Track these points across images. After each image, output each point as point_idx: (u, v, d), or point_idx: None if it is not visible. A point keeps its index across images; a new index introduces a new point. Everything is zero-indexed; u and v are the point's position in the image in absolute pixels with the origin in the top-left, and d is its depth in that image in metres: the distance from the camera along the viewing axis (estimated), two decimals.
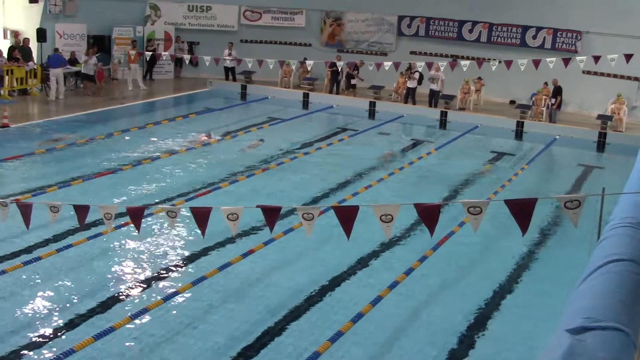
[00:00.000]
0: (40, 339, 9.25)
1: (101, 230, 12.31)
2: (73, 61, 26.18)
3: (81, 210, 9.03)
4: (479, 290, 11.53)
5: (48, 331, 9.47)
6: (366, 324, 9.99)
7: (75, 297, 10.51)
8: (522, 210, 6.98)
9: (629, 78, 25.88)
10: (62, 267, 11.52)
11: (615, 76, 25.91)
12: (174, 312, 10.25)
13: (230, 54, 28.28)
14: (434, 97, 26.48)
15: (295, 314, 10.37)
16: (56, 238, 12.42)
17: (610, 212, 6.15)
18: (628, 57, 19.68)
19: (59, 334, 9.42)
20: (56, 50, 25.95)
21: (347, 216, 7.78)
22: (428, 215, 7.49)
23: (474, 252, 13.30)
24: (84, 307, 10.17)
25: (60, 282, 11.04)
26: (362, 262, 12.37)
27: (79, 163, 17.30)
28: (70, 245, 12.02)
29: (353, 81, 28.46)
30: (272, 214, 8.13)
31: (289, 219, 13.42)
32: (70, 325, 9.65)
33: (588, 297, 4.30)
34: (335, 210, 7.88)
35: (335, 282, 11.53)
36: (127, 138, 20.10)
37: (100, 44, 28.78)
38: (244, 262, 11.93)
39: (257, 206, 8.05)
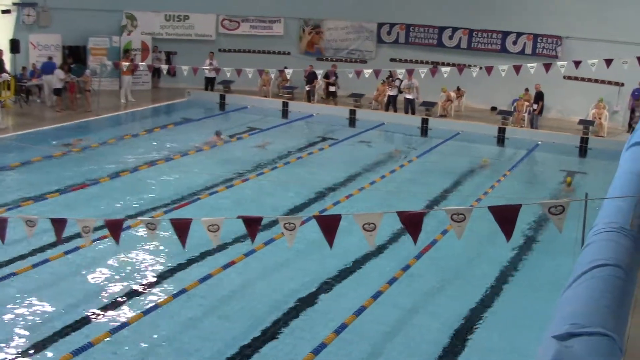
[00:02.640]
0: (18, 356, 9.14)
1: (79, 244, 12.20)
2: None
3: (58, 224, 8.95)
4: (463, 298, 11.55)
5: (25, 347, 9.36)
6: (350, 335, 9.97)
7: (53, 313, 10.42)
8: (506, 216, 7.01)
9: (609, 83, 26.07)
10: (39, 282, 11.41)
11: (596, 81, 26.11)
12: (154, 326, 10.17)
13: (211, 64, 28.19)
14: (410, 105, 26.55)
15: (277, 325, 10.34)
16: (32, 253, 12.30)
17: (594, 217, 6.19)
18: (608, 62, 19.86)
19: (36, 350, 9.32)
20: (50, 58, 26.13)
21: (329, 226, 7.77)
22: (411, 223, 7.49)
23: (458, 259, 13.34)
24: (61, 322, 10.08)
25: (36, 298, 10.93)
26: (345, 272, 12.36)
27: (55, 176, 17.17)
28: (47, 260, 11.92)
29: (332, 88, 28.49)
30: (253, 225, 8.10)
31: (271, 230, 13.40)
32: (48, 341, 9.55)
33: (574, 303, 4.31)
34: (317, 220, 7.87)
35: (317, 293, 11.51)
36: (104, 150, 19.97)
37: (75, 55, 28.63)
38: (225, 273, 11.89)
39: (238, 217, 8.02)
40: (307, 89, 28.37)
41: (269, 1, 30.90)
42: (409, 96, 26.41)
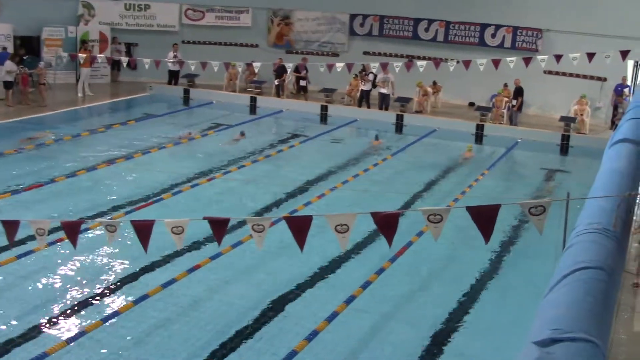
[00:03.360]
0: None
1: (33, 247, 12.07)
2: None
3: (10, 226, 8.85)
4: (441, 303, 11.61)
5: None
6: (322, 342, 9.98)
7: (4, 321, 10.29)
8: (484, 217, 7.06)
9: (591, 78, 26.39)
10: None
11: (577, 76, 26.40)
12: (114, 334, 10.10)
13: (175, 56, 28.01)
14: (384, 101, 26.61)
15: (245, 333, 10.32)
16: None
17: (576, 218, 6.27)
18: (590, 56, 20.07)
19: None
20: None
21: (299, 227, 7.77)
22: (386, 224, 7.52)
23: (435, 262, 13.41)
24: (14, 331, 9.96)
25: None
26: (317, 276, 12.37)
27: (7, 175, 16.96)
28: None
29: (302, 83, 28.45)
30: (219, 226, 8.08)
31: (238, 231, 13.36)
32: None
33: (556, 307, 4.35)
34: (287, 221, 7.87)
35: (287, 298, 11.50)
36: (60, 147, 19.77)
37: (28, 46, 28.28)
38: (190, 278, 11.84)
39: (204, 218, 7.99)
40: (276, 83, 28.31)
41: None
42: (384, 91, 26.46)
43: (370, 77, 27.02)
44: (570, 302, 4.37)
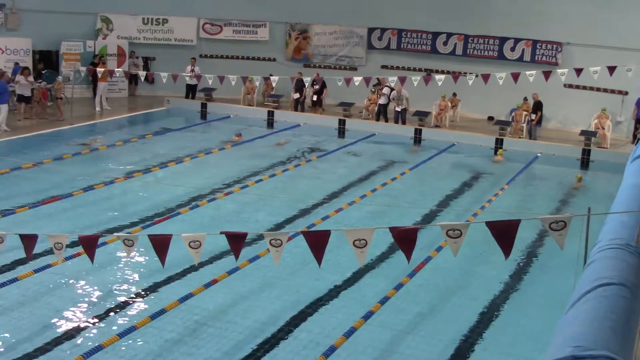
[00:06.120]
0: None
1: (51, 261, 12.14)
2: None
3: (28, 240, 8.91)
4: (459, 319, 11.56)
5: None
6: (339, 358, 9.95)
7: (22, 336, 10.33)
8: (504, 232, 7.03)
9: (612, 91, 26.26)
10: (6, 303, 11.33)
11: (598, 89, 26.29)
12: (131, 349, 10.12)
13: (192, 70, 28.15)
14: (400, 116, 26.63)
15: (262, 349, 10.30)
16: (0, 271, 12.22)
17: (597, 233, 6.23)
18: (611, 69, 19.99)
19: None
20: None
21: (317, 242, 7.77)
22: (404, 239, 7.51)
23: (454, 278, 13.35)
24: (31, 346, 9.99)
25: (4, 318, 10.86)
26: (334, 291, 12.34)
27: (25, 189, 17.09)
28: (15, 279, 11.82)
29: (315, 97, 28.49)
30: (237, 241, 8.09)
31: (256, 246, 13.38)
32: None
33: (577, 324, 4.32)
34: (305, 236, 7.87)
35: (305, 314, 11.48)
36: (77, 161, 19.89)
37: (47, 60, 28.55)
38: (207, 293, 11.85)
39: (221, 232, 8.01)
40: (296, 97, 28.36)
41: (253, 4, 30.94)
42: (398, 108, 26.49)
43: (386, 90, 27.04)
44: (592, 318, 4.34)
